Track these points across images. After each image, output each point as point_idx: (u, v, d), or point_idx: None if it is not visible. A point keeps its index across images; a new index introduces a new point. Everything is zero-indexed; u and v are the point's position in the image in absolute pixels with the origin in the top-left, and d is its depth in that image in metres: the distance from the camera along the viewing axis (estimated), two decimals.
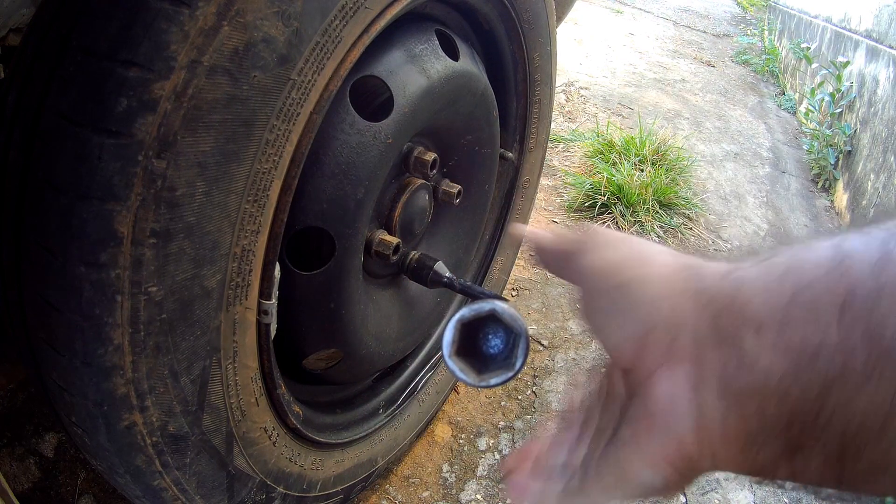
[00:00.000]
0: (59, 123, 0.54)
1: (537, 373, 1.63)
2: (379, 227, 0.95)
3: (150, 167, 0.54)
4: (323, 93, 0.69)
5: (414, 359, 1.25)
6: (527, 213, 1.47)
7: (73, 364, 0.59)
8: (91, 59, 0.53)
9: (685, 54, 4.67)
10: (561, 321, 1.81)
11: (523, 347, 0.40)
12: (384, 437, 1.15)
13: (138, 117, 0.53)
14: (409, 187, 0.96)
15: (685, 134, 3.18)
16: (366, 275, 0.98)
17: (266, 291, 0.72)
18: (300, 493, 0.92)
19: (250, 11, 0.57)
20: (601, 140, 2.70)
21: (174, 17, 0.53)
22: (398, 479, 1.31)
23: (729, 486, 1.42)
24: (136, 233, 0.55)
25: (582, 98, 3.34)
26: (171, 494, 0.70)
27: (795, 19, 4.76)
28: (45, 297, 0.57)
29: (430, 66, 0.89)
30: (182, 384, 0.65)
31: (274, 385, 0.80)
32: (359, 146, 0.80)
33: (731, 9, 6.77)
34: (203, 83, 0.55)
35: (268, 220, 0.68)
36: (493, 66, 1.17)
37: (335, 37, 0.67)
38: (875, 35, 3.12)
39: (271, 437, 0.82)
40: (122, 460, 0.64)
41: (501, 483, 0.44)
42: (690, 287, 0.33)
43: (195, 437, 0.69)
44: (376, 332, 1.00)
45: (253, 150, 0.63)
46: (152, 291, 0.59)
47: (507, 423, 1.48)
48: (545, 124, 1.36)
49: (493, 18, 1.08)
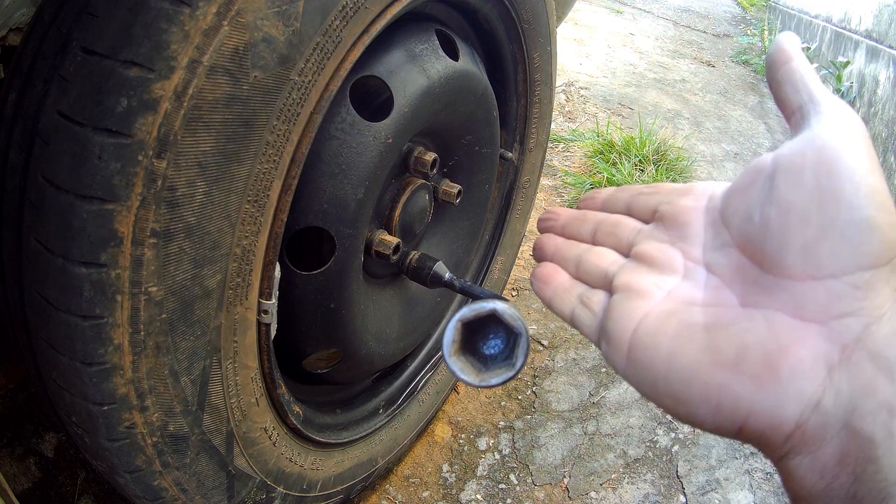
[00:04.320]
0: (59, 123, 0.54)
1: (537, 373, 1.63)
2: (379, 227, 0.95)
3: (151, 167, 0.54)
4: (323, 93, 0.69)
5: (414, 359, 1.25)
6: (527, 213, 1.47)
7: (73, 364, 0.59)
8: (91, 59, 0.53)
9: (685, 54, 4.67)
10: (561, 321, 1.81)
11: (524, 347, 0.40)
12: (384, 437, 1.15)
13: (138, 117, 0.53)
14: (409, 187, 0.96)
15: (685, 134, 3.18)
16: (366, 275, 0.98)
17: (266, 291, 0.72)
18: (300, 493, 0.92)
19: (250, 11, 0.57)
20: (601, 140, 2.70)
21: (174, 17, 0.53)
22: (398, 478, 1.31)
23: (729, 487, 1.42)
24: (137, 233, 0.55)
25: (582, 98, 3.34)
26: (171, 494, 0.70)
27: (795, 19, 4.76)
28: (45, 297, 0.57)
29: (430, 66, 0.89)
30: (182, 384, 0.65)
31: (274, 385, 0.80)
32: (359, 146, 0.80)
33: (731, 9, 6.77)
34: (203, 83, 0.55)
35: (268, 220, 0.68)
36: (493, 66, 1.17)
37: (335, 37, 0.67)
38: (875, 35, 3.12)
39: (271, 437, 0.82)
40: (122, 460, 0.64)
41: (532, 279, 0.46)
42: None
43: (195, 437, 0.69)
44: (376, 332, 1.00)
45: (253, 150, 0.63)
46: (152, 291, 0.59)
47: (507, 423, 1.48)
48: (545, 124, 1.36)
49: (494, 18, 1.08)
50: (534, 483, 1.37)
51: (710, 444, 1.52)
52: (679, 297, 0.36)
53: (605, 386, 1.63)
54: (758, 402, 0.30)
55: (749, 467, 1.48)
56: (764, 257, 0.32)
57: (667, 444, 1.50)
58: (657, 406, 0.36)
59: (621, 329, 0.36)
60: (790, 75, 0.35)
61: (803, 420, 0.29)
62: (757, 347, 0.31)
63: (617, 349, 0.36)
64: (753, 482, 1.44)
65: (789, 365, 0.29)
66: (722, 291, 0.35)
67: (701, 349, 0.32)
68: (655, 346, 0.34)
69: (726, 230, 0.36)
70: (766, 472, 1.47)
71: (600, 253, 0.44)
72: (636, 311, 0.37)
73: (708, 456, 1.49)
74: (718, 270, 0.36)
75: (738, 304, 0.34)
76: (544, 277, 0.45)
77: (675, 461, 1.46)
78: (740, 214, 0.35)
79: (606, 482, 1.39)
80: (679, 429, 1.54)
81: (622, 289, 0.39)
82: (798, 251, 0.30)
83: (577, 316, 0.42)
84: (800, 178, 0.31)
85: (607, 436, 1.50)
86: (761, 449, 0.32)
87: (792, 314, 0.30)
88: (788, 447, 0.30)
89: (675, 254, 0.39)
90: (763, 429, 0.30)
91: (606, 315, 0.38)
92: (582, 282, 0.44)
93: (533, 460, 1.41)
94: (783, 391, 0.29)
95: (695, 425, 0.33)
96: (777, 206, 0.32)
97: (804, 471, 0.29)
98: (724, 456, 1.50)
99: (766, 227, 0.32)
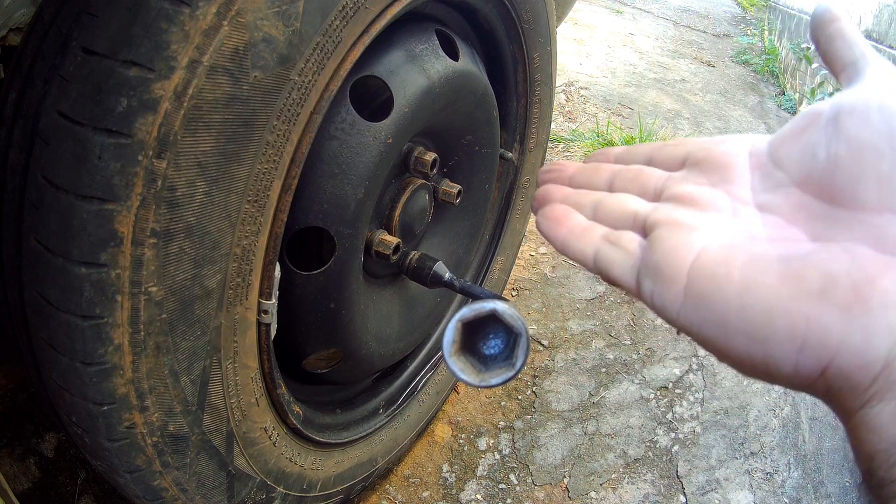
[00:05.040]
0: (60, 123, 0.54)
1: (537, 373, 1.63)
2: (379, 227, 0.95)
3: (151, 167, 0.54)
4: (323, 93, 0.69)
5: (414, 359, 1.25)
6: (527, 213, 1.47)
7: (73, 364, 0.59)
8: (91, 59, 0.53)
9: (685, 54, 4.67)
10: (561, 321, 1.81)
11: (524, 347, 0.40)
12: (384, 437, 1.15)
13: (138, 117, 0.53)
14: (409, 187, 0.96)
15: (685, 134, 3.18)
16: (366, 275, 0.98)
17: (266, 291, 0.72)
18: (300, 493, 0.92)
19: (250, 11, 0.57)
20: (601, 140, 2.70)
21: (174, 17, 0.53)
22: (398, 478, 1.31)
23: (729, 487, 1.42)
24: (137, 233, 0.55)
25: (582, 98, 3.34)
26: (171, 494, 0.70)
27: (795, 19, 4.76)
28: (45, 297, 0.57)
29: (430, 66, 0.89)
30: (182, 384, 0.65)
31: (274, 385, 0.80)
32: (359, 146, 0.80)
33: (731, 9, 6.77)
34: (203, 83, 0.55)
35: (268, 220, 0.68)
36: (494, 66, 1.17)
37: (335, 37, 0.67)
38: (875, 35, 3.12)
39: (271, 437, 0.82)
40: (122, 460, 0.64)
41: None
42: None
43: (195, 437, 0.69)
44: (376, 332, 1.00)
45: (253, 150, 0.63)
46: (152, 291, 0.59)
47: (507, 423, 1.48)
48: (545, 124, 1.36)
49: (494, 18, 1.08)
50: (534, 483, 1.37)
51: (710, 444, 1.52)
52: (739, 231, 0.32)
53: (605, 386, 1.63)
54: (848, 334, 0.27)
55: (749, 467, 1.48)
56: (835, 191, 0.30)
57: (667, 444, 1.50)
58: (721, 353, 0.31)
59: (676, 260, 0.32)
60: (842, 32, 0.34)
61: (892, 357, 0.27)
62: (844, 277, 0.28)
63: (670, 285, 0.32)
64: (753, 482, 1.44)
65: (878, 294, 0.27)
66: (786, 228, 0.32)
67: (781, 278, 0.29)
68: (725, 276, 0.30)
69: (780, 171, 0.33)
70: (766, 472, 1.47)
71: (624, 197, 0.38)
72: (691, 242, 0.32)
73: (708, 456, 1.49)
74: (776, 209, 0.33)
75: (807, 239, 0.31)
76: (556, 216, 0.39)
77: (675, 461, 1.47)
78: (798, 153, 0.32)
79: (606, 482, 1.39)
80: (679, 429, 1.55)
81: (665, 224, 0.34)
82: (874, 182, 0.29)
83: (605, 256, 0.36)
84: (867, 117, 0.30)
85: (607, 436, 1.50)
86: (837, 399, 0.29)
87: (872, 246, 0.28)
88: (872, 391, 0.27)
89: (719, 194, 0.35)
90: (851, 369, 0.27)
91: (650, 250, 0.33)
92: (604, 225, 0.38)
93: (533, 460, 1.41)
94: (874, 323, 0.27)
95: (769, 372, 0.29)
96: (846, 143, 0.30)
97: (886, 418, 0.27)
98: (724, 456, 1.50)
99: (836, 162, 0.30)
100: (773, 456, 1.52)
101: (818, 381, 0.28)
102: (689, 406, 1.62)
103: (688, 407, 1.62)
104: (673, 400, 1.63)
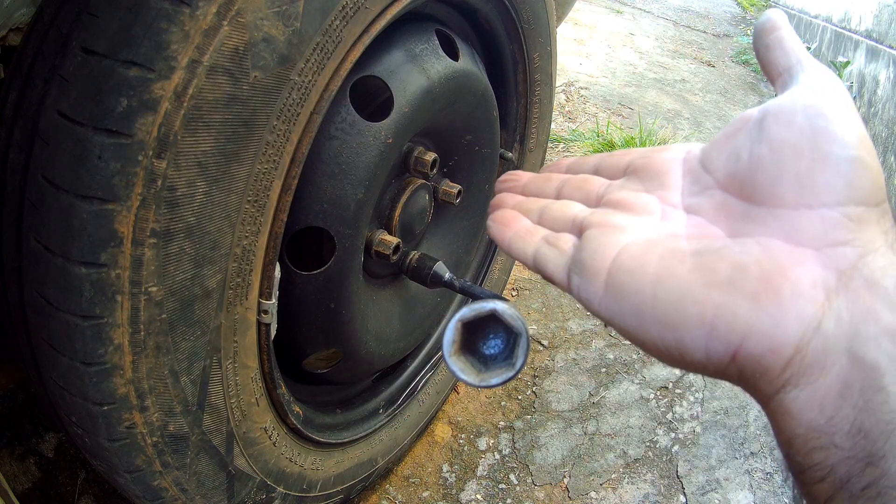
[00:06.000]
0: (59, 123, 0.54)
1: (537, 373, 1.63)
2: (379, 227, 0.95)
3: (151, 167, 0.54)
4: (323, 93, 0.69)
5: (414, 359, 1.25)
6: None
7: (73, 364, 0.59)
8: (91, 59, 0.53)
9: (685, 54, 4.67)
10: (561, 321, 1.81)
11: (524, 347, 0.40)
12: (384, 437, 1.15)
13: (138, 117, 0.53)
14: (409, 187, 0.96)
15: (685, 134, 3.18)
16: (366, 275, 0.98)
17: (266, 291, 0.72)
18: (300, 493, 0.92)
19: (250, 11, 0.57)
20: (601, 140, 2.70)
21: (174, 17, 0.53)
22: (398, 478, 1.31)
23: (729, 487, 1.42)
24: (137, 233, 0.55)
25: (582, 98, 3.34)
26: (171, 494, 0.70)
27: (795, 19, 4.76)
28: (45, 297, 0.57)
29: (430, 66, 0.89)
30: (182, 384, 0.65)
31: (274, 385, 0.80)
32: (359, 146, 0.80)
33: (731, 9, 6.77)
34: (203, 83, 0.55)
35: (268, 220, 0.68)
36: (493, 66, 1.17)
37: (335, 37, 0.67)
38: (875, 35, 3.12)
39: (271, 437, 0.82)
40: (122, 460, 0.64)
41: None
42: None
43: (195, 437, 0.69)
44: (376, 332, 1.00)
45: (253, 150, 0.63)
46: (152, 291, 0.59)
47: (507, 423, 1.48)
48: (545, 124, 1.36)
49: (494, 18, 1.08)
50: (534, 483, 1.37)
51: (710, 445, 1.52)
52: (661, 230, 0.35)
53: (605, 386, 1.63)
54: (757, 321, 0.28)
55: (749, 467, 1.48)
56: (754, 189, 0.32)
57: (667, 444, 1.50)
58: (638, 342, 0.32)
59: (600, 257, 0.34)
60: (780, 40, 0.36)
61: (804, 343, 0.27)
62: (754, 267, 0.29)
63: (593, 278, 0.34)
64: (753, 482, 1.44)
65: (789, 284, 0.28)
66: (706, 227, 0.34)
67: (692, 270, 0.31)
68: (641, 270, 0.32)
69: (707, 175, 0.35)
70: (766, 472, 1.47)
71: (567, 203, 0.41)
72: (615, 241, 0.34)
73: (708, 456, 1.49)
74: (700, 211, 0.35)
75: (725, 235, 0.32)
76: (504, 220, 0.43)
77: (675, 461, 1.47)
78: (725, 157, 0.34)
79: (606, 482, 1.39)
80: (679, 429, 1.55)
81: (596, 226, 0.36)
82: (792, 180, 0.30)
83: (542, 255, 0.38)
84: (791, 118, 0.31)
85: (607, 436, 1.50)
86: (753, 385, 0.29)
87: (786, 240, 0.30)
88: (786, 377, 0.28)
89: (651, 199, 0.37)
90: (762, 353, 0.28)
91: (580, 248, 0.36)
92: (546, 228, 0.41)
93: (533, 460, 1.41)
94: (784, 310, 0.28)
95: (682, 359, 0.31)
96: (768, 144, 0.31)
97: (802, 404, 0.27)
98: (724, 456, 1.50)
99: (758, 162, 0.31)
100: (773, 456, 1.52)
101: (730, 366, 0.29)
102: (689, 406, 1.62)
103: (688, 407, 1.62)
104: (673, 400, 1.63)
